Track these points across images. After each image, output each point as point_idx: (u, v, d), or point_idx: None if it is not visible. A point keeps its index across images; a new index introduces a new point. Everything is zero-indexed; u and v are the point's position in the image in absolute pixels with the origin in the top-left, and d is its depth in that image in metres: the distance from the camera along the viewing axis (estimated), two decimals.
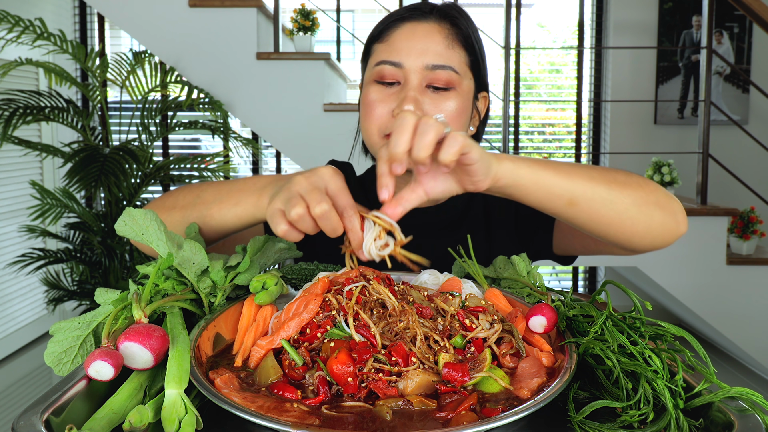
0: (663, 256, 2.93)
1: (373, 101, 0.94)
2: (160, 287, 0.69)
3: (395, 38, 0.95)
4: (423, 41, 0.93)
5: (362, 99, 0.97)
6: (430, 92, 0.93)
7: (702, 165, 2.99)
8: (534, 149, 4.68)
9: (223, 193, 0.83)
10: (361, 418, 0.52)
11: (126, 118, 3.40)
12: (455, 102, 0.93)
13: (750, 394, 0.53)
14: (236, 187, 0.82)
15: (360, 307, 0.62)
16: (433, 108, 0.92)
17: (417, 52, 0.92)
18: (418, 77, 0.92)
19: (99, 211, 3.12)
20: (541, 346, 0.65)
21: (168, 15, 3.06)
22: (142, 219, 0.70)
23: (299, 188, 0.69)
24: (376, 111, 0.94)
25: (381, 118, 0.93)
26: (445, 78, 0.93)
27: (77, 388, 0.55)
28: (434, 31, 0.94)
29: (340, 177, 0.70)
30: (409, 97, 0.90)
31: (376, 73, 0.95)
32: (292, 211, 0.68)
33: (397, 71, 0.93)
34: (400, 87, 0.93)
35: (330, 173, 0.70)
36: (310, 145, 3.13)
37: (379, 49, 0.97)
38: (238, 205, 0.81)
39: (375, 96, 0.94)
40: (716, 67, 4.10)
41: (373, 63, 0.96)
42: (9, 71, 2.65)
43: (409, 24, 0.95)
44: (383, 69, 0.94)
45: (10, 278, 3.66)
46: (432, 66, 0.92)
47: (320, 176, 0.70)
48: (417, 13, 0.96)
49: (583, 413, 0.53)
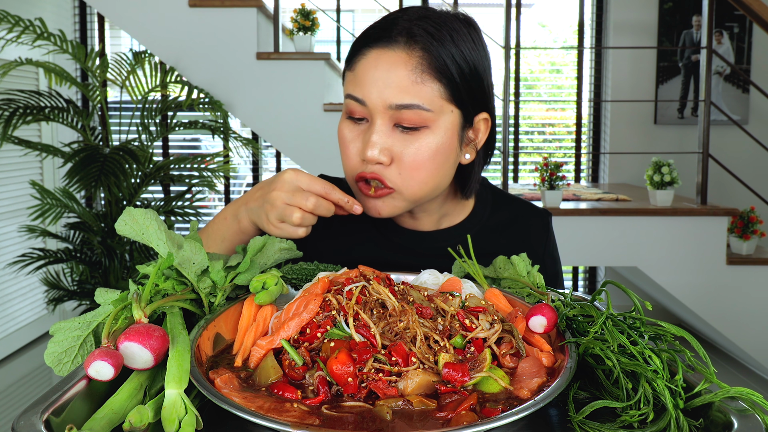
0: (663, 256, 2.93)
1: (345, 140, 0.87)
2: (160, 287, 0.69)
3: (360, 69, 0.84)
4: (386, 74, 0.81)
5: (338, 132, 0.90)
6: (398, 132, 0.83)
7: (702, 165, 2.99)
8: (534, 149, 4.68)
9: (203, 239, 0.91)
10: (361, 418, 0.52)
11: (126, 118, 3.40)
12: (427, 142, 0.83)
13: (750, 394, 0.53)
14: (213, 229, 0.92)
15: (360, 307, 0.62)
16: (401, 149, 0.83)
17: (379, 88, 0.81)
18: (383, 117, 0.82)
19: (99, 211, 3.12)
20: (541, 346, 0.65)
21: (168, 15, 3.06)
22: (143, 219, 0.70)
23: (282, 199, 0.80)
24: (349, 150, 0.87)
25: (353, 159, 0.87)
26: (414, 118, 0.81)
27: (77, 388, 0.55)
28: (399, 61, 0.81)
29: (301, 172, 0.82)
30: (371, 143, 0.82)
31: (346, 107, 0.87)
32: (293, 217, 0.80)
33: (363, 108, 0.84)
34: (367, 125, 0.85)
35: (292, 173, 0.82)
36: (310, 145, 3.13)
37: (348, 79, 0.87)
38: (225, 240, 0.91)
39: (347, 135, 0.87)
40: (716, 67, 4.10)
41: (344, 92, 0.88)
42: (9, 71, 2.65)
43: (375, 51, 0.83)
44: (350, 104, 0.85)
45: (10, 278, 3.66)
46: (396, 105, 0.81)
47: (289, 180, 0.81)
48: (384, 38, 0.83)
49: (583, 413, 0.53)
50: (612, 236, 2.93)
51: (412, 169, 0.84)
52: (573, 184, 4.16)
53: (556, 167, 2.89)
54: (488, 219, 1.02)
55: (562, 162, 3.04)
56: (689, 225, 2.91)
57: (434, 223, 1.00)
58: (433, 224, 1.00)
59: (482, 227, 1.01)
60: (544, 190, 2.91)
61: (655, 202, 2.97)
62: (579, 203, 3.04)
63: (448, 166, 0.88)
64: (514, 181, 4.43)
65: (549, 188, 2.91)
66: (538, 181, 2.97)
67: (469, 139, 0.90)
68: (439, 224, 1.00)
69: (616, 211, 2.91)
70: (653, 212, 2.90)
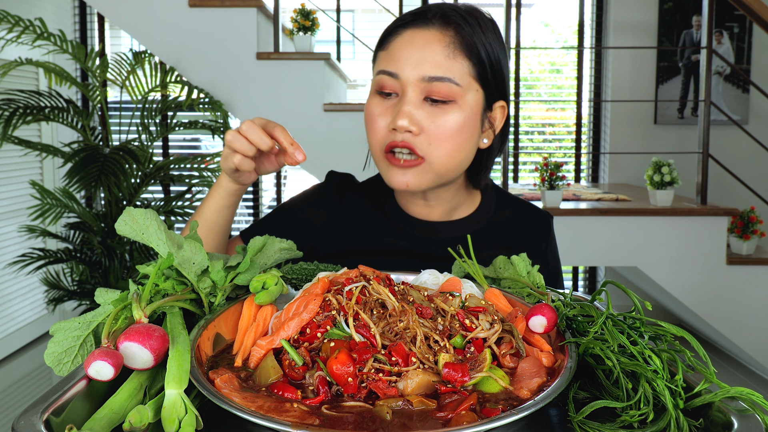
0: (663, 256, 2.93)
1: (373, 115, 0.92)
2: (160, 287, 0.69)
3: (394, 46, 0.91)
4: (421, 50, 0.88)
5: (365, 109, 0.95)
6: (427, 105, 0.89)
7: (702, 165, 2.99)
8: (534, 149, 4.68)
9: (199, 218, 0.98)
10: (361, 418, 0.52)
11: (126, 118, 3.40)
12: (455, 116, 0.89)
13: (750, 394, 0.53)
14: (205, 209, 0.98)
15: (360, 307, 0.62)
16: (429, 122, 0.88)
17: (413, 63, 0.88)
18: (414, 89, 0.88)
19: (99, 211, 3.12)
20: (541, 346, 0.65)
21: (168, 15, 3.06)
22: (143, 218, 0.70)
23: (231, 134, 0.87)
24: (377, 125, 0.92)
25: (381, 132, 0.91)
26: (445, 91, 0.88)
27: (77, 388, 0.55)
28: (434, 39, 0.88)
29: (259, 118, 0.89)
30: (402, 112, 0.88)
31: (377, 83, 0.92)
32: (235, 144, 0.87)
33: (395, 82, 0.89)
34: (397, 99, 0.90)
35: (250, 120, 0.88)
36: (310, 145, 3.13)
37: (380, 57, 0.93)
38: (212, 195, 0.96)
39: (375, 109, 0.92)
40: (716, 67, 4.10)
41: (375, 71, 0.94)
42: (9, 71, 2.65)
43: (410, 31, 0.90)
44: (382, 79, 0.91)
45: (10, 278, 3.66)
46: (429, 78, 0.87)
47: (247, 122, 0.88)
48: (419, 19, 0.91)
49: (583, 413, 0.53)
50: (612, 236, 2.93)
51: (440, 140, 0.89)
52: (573, 184, 4.16)
53: (556, 167, 2.89)
54: (493, 215, 1.06)
55: (562, 162, 3.05)
56: (689, 225, 2.91)
57: (445, 214, 1.03)
58: (443, 215, 1.03)
59: (488, 222, 1.05)
60: (544, 190, 2.91)
61: (655, 202, 2.97)
62: (579, 203, 3.04)
63: (471, 144, 0.93)
64: (514, 181, 4.43)
65: (549, 188, 2.91)
66: (538, 181, 2.97)
67: (489, 123, 0.96)
68: (450, 215, 1.04)
69: (616, 211, 2.91)
70: (653, 212, 2.90)
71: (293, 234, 0.99)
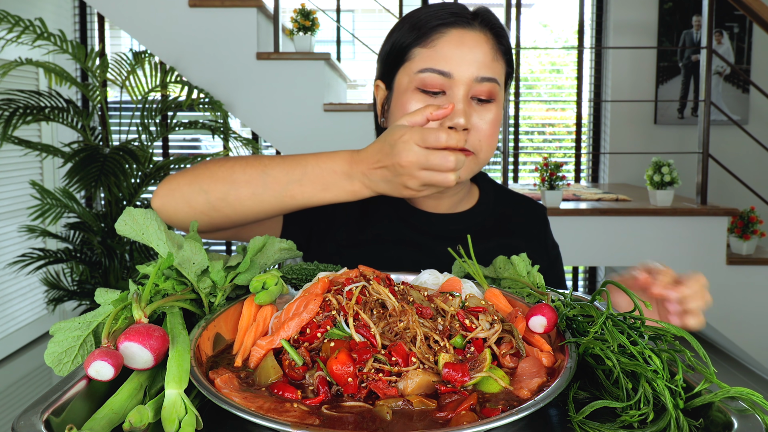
0: (663, 256, 2.93)
1: None
2: (160, 287, 0.69)
3: (442, 45, 0.90)
4: (472, 51, 0.90)
5: (401, 106, 0.92)
6: (474, 104, 0.92)
7: (702, 165, 2.99)
8: (534, 149, 4.68)
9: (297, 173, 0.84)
10: (361, 418, 0.52)
11: (126, 118, 3.40)
12: (495, 113, 0.93)
13: (750, 394, 0.53)
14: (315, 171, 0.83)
15: (360, 307, 0.62)
16: (478, 119, 0.91)
17: (467, 63, 0.90)
18: (465, 88, 0.90)
19: (99, 211, 3.12)
20: (541, 346, 0.65)
21: (168, 15, 3.06)
22: (143, 219, 0.70)
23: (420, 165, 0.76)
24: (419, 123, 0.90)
25: None
26: (489, 90, 0.91)
27: (77, 388, 0.55)
28: (481, 40, 0.91)
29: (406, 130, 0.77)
30: (459, 111, 0.88)
31: (419, 81, 0.91)
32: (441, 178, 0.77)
33: (444, 81, 0.90)
34: (444, 97, 0.90)
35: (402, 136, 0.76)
36: (310, 145, 3.13)
37: (422, 55, 0.91)
38: (327, 190, 0.83)
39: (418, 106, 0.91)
40: (716, 67, 4.10)
41: (414, 69, 0.91)
42: (9, 71, 2.65)
43: (456, 31, 0.91)
44: (428, 77, 0.90)
45: (10, 278, 3.66)
46: (480, 78, 0.90)
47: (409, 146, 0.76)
48: (462, 20, 0.92)
49: (583, 413, 0.53)
50: (612, 236, 2.93)
51: (486, 135, 0.93)
52: (573, 184, 4.16)
53: (556, 167, 2.89)
54: (494, 207, 1.08)
55: (562, 162, 3.04)
56: (689, 225, 2.91)
57: (452, 206, 1.05)
58: (450, 207, 1.05)
59: (490, 214, 1.08)
60: (544, 190, 2.91)
61: (655, 202, 2.97)
62: (579, 203, 3.04)
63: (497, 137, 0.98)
64: (514, 181, 4.43)
65: (549, 188, 2.91)
66: (538, 181, 2.97)
67: None
68: (455, 208, 1.05)
69: (616, 211, 2.91)
70: (653, 212, 2.90)
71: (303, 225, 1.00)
